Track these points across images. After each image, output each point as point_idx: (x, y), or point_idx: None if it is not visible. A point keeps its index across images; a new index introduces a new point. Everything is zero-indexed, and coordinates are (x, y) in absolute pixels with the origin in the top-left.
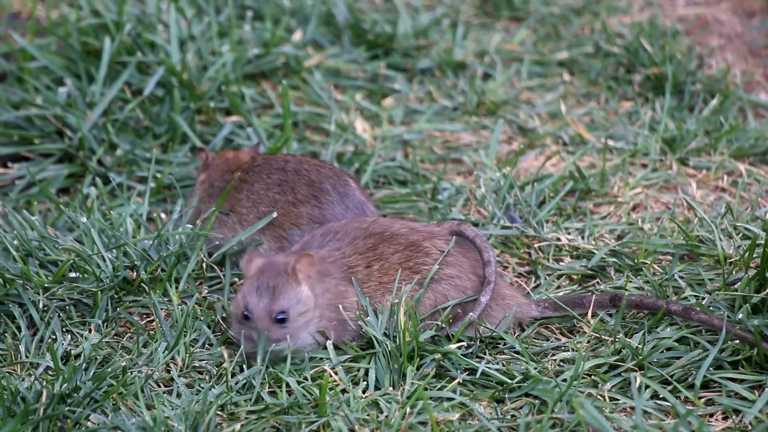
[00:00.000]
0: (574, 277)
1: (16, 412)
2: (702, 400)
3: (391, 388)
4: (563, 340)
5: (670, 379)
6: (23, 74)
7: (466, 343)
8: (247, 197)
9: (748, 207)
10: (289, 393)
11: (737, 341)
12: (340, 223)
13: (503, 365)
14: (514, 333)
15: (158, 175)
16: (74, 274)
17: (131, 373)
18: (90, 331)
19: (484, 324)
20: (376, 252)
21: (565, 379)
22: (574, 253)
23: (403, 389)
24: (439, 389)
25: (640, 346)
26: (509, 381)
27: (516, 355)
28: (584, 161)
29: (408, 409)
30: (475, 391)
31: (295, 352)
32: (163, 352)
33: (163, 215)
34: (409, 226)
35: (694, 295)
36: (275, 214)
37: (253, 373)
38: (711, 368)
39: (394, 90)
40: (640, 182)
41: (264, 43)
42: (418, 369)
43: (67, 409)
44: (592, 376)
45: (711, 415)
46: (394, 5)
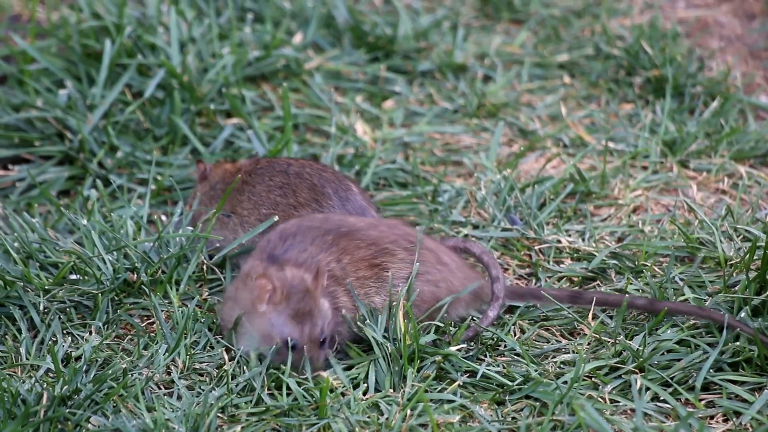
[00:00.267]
0: (575, 279)
1: (17, 414)
2: (702, 402)
3: (392, 390)
4: (564, 342)
5: (670, 381)
6: (24, 76)
7: (466, 345)
8: (248, 198)
9: (749, 209)
10: (290, 395)
11: (736, 342)
12: (290, 224)
13: (504, 367)
14: (515, 335)
15: (159, 178)
16: (75, 277)
17: (132, 375)
18: (90, 334)
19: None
20: (340, 247)
21: (565, 382)
22: (575, 255)
23: (404, 391)
24: (439, 391)
25: (641, 348)
26: (510, 383)
27: (516, 357)
28: (585, 163)
29: (408, 412)
30: (476, 394)
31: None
32: (164, 355)
33: (164, 217)
34: (366, 221)
35: (695, 297)
36: (276, 218)
37: (254, 375)
38: (711, 370)
39: (395, 92)
40: (641, 184)
41: (264, 46)
42: (418, 371)
43: (67, 411)
44: (593, 378)
45: (711, 417)
46: (394, 7)
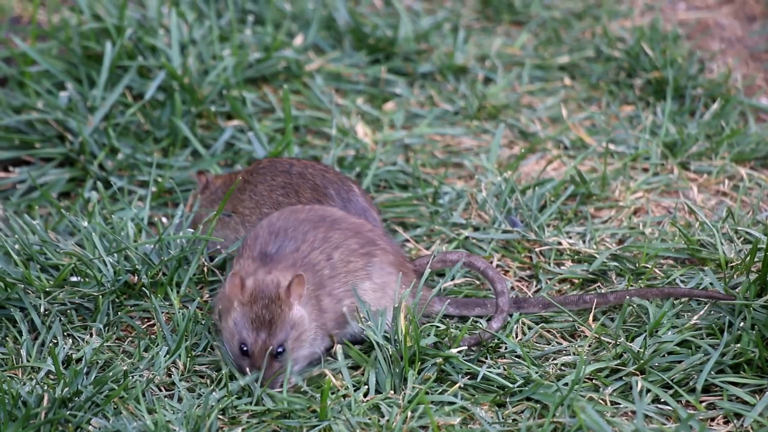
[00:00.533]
0: (576, 281)
1: (18, 416)
2: (703, 404)
3: (393, 392)
4: (564, 344)
5: (671, 383)
6: (24, 78)
7: (467, 347)
8: (250, 198)
9: (749, 211)
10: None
11: (737, 344)
12: (281, 219)
13: (504, 369)
14: (516, 336)
15: (159, 179)
16: (75, 279)
17: (132, 377)
18: (91, 336)
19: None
20: (331, 241)
21: (566, 383)
22: (576, 257)
23: (405, 393)
24: (440, 393)
25: (642, 350)
26: (510, 385)
27: (517, 359)
28: (585, 165)
29: (409, 413)
30: (477, 395)
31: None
32: (165, 356)
33: (164, 219)
34: (339, 211)
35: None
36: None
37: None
38: (712, 372)
39: (395, 94)
40: (641, 186)
41: (265, 48)
42: (419, 373)
43: (68, 413)
44: (594, 380)
45: (712, 419)
46: (395, 9)
